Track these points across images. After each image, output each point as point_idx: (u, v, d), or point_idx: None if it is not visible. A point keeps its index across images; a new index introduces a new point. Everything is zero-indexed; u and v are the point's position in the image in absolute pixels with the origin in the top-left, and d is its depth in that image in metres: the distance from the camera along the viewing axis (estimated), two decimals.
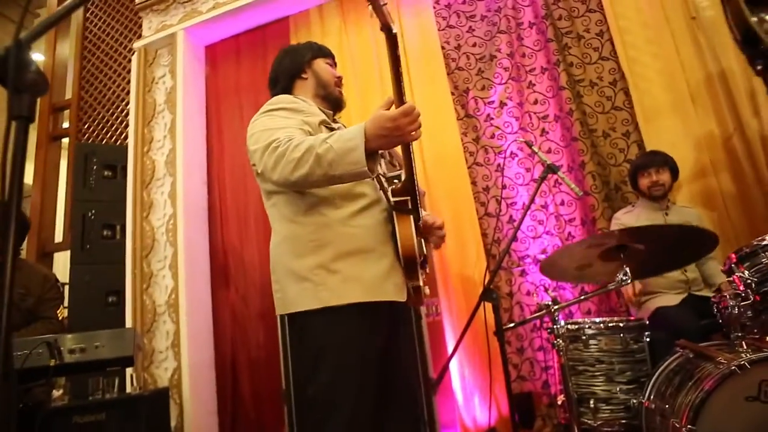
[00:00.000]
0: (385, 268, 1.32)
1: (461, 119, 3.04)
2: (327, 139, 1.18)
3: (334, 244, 1.30)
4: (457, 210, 2.91)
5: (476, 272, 2.82)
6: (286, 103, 1.41)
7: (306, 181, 1.21)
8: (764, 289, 1.52)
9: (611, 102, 2.81)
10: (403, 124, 1.14)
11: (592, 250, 1.74)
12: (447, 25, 3.24)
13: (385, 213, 1.39)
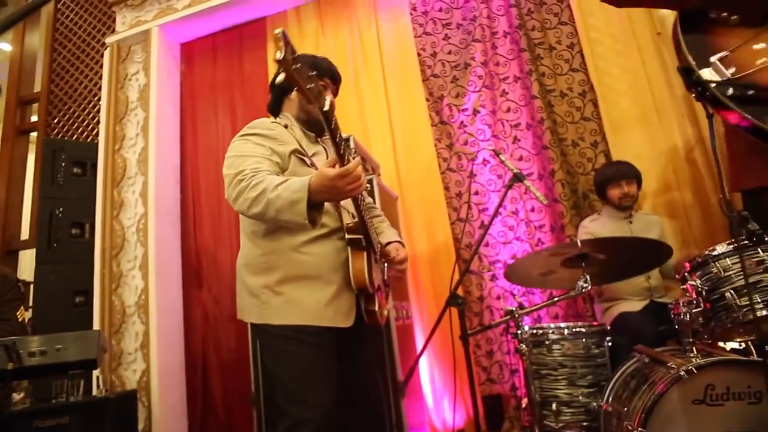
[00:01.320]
0: (328, 296, 1.41)
1: (435, 125, 3.08)
2: (278, 186, 1.28)
3: (282, 268, 1.41)
4: (430, 215, 2.96)
5: (448, 276, 2.85)
6: (262, 128, 1.48)
7: (260, 218, 1.34)
8: (714, 297, 1.59)
9: (580, 112, 2.89)
10: (341, 184, 1.22)
11: (555, 258, 1.80)
12: (423, 32, 3.27)
13: (341, 242, 1.46)
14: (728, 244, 1.62)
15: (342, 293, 1.43)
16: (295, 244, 1.43)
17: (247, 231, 1.50)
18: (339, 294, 1.43)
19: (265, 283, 1.41)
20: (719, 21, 0.93)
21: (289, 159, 1.45)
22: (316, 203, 1.26)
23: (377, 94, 3.23)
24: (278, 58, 1.01)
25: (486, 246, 2.86)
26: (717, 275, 1.59)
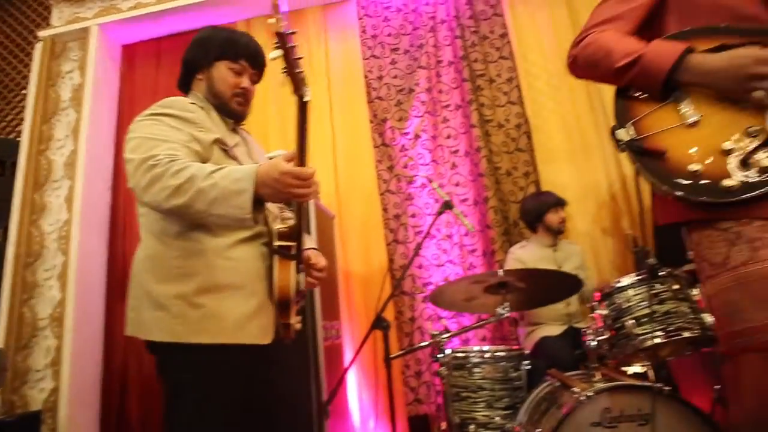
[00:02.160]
0: (252, 308, 1.23)
1: (377, 147, 3.13)
2: (213, 173, 1.08)
3: (203, 275, 1.19)
4: (367, 235, 2.98)
5: (381, 297, 2.88)
6: (179, 109, 1.25)
7: (180, 211, 1.11)
8: (618, 325, 1.70)
9: (515, 143, 3.03)
10: (293, 183, 1.07)
11: (478, 285, 1.86)
12: (371, 54, 3.34)
13: (264, 247, 1.30)
14: (635, 276, 1.75)
15: (265, 305, 1.26)
16: (221, 246, 1.22)
17: (154, 228, 1.23)
18: (262, 306, 1.25)
19: (179, 293, 1.17)
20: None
21: (210, 148, 1.24)
22: (257, 198, 1.08)
23: (322, 112, 3.25)
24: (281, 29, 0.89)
25: (419, 268, 2.92)
26: (621, 305, 1.70)
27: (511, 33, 3.22)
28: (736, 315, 0.94)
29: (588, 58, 1.12)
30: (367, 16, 3.45)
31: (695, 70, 0.99)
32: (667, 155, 0.98)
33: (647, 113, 1.04)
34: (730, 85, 0.95)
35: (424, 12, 3.37)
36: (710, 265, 0.99)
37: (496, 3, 3.30)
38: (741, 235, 0.94)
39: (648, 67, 1.02)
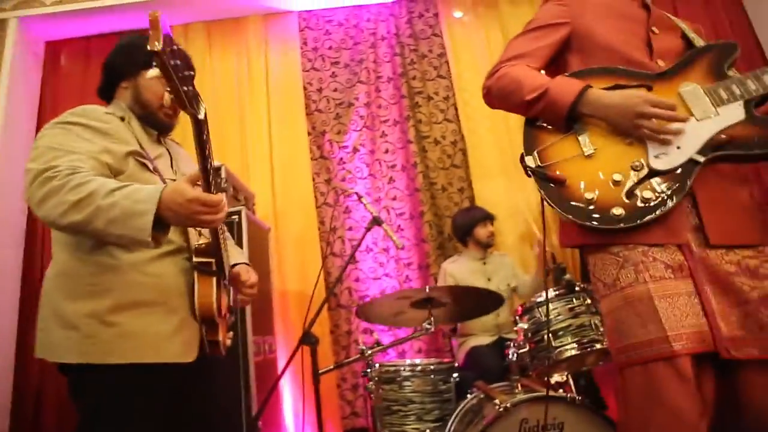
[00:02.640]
0: (173, 325, 1.18)
1: (315, 159, 3.13)
2: (115, 191, 1.04)
3: (118, 291, 1.14)
4: (303, 248, 2.96)
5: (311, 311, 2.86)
6: (92, 119, 1.18)
7: (77, 228, 1.05)
8: (537, 338, 1.79)
9: (451, 160, 3.13)
10: (200, 210, 1.03)
11: (405, 300, 1.90)
12: (312, 67, 3.35)
13: (187, 262, 1.26)
14: (553, 292, 1.85)
15: (187, 322, 1.21)
16: (138, 261, 1.16)
17: (67, 242, 1.16)
18: (184, 323, 1.20)
19: (91, 311, 1.11)
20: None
21: (125, 160, 1.18)
22: (162, 221, 1.04)
23: (260, 123, 3.21)
24: (155, 48, 0.82)
25: (356, 281, 2.93)
26: (540, 319, 1.79)
27: (448, 53, 3.34)
28: (623, 332, 1.02)
29: (501, 89, 1.20)
30: (309, 29, 3.46)
31: (593, 104, 1.08)
32: (567, 183, 1.06)
33: (551, 143, 1.12)
34: (621, 120, 1.05)
35: (365, 28, 3.43)
36: (603, 285, 1.07)
37: (435, 23, 3.42)
38: (628, 258, 1.02)
39: (553, 100, 1.10)
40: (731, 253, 1.01)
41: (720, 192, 1.05)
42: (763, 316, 0.96)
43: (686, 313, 0.97)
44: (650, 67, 1.14)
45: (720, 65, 1.10)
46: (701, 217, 1.02)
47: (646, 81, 1.11)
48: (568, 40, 1.24)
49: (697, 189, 1.03)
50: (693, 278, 0.99)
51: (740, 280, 0.99)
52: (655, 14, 1.24)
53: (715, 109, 1.05)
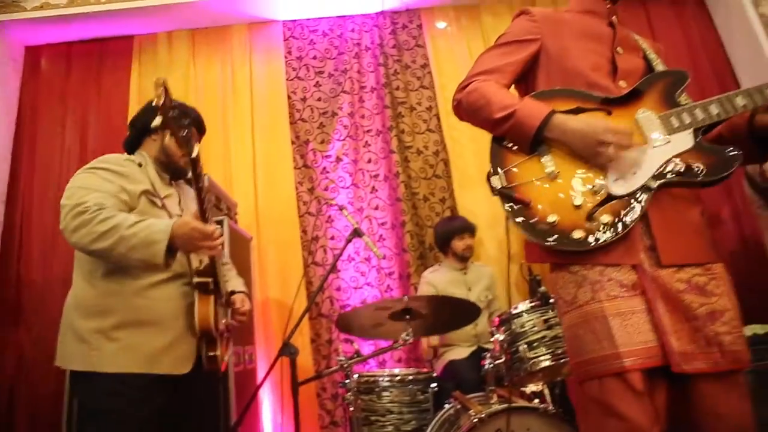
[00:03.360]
0: (166, 342, 1.38)
1: (299, 168, 3.14)
2: (136, 224, 1.29)
3: (120, 312, 1.36)
4: (285, 256, 2.96)
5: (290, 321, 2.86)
6: (113, 164, 1.46)
7: (102, 254, 1.31)
8: (513, 349, 1.82)
9: (433, 170, 3.17)
10: (197, 237, 1.30)
11: (382, 312, 1.92)
12: (296, 76, 3.37)
13: (187, 287, 1.46)
14: (529, 303, 1.88)
15: (182, 339, 1.41)
16: (137, 288, 1.39)
17: (84, 269, 1.42)
18: (178, 340, 1.41)
19: (98, 327, 1.35)
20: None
21: (138, 199, 1.44)
22: (172, 248, 1.30)
23: (244, 131, 3.22)
24: (158, 103, 1.10)
25: (338, 290, 2.95)
26: (516, 330, 1.82)
27: (431, 63, 3.38)
28: (580, 348, 1.06)
29: (470, 104, 1.22)
30: (293, 38, 3.48)
31: (558, 129, 1.11)
32: (530, 205, 1.09)
33: (517, 163, 1.15)
34: (583, 146, 1.08)
35: (350, 38, 3.46)
36: (564, 302, 1.11)
37: (419, 35, 3.46)
38: (586, 278, 1.06)
39: (520, 122, 1.13)
40: (681, 272, 1.06)
41: (672, 213, 1.09)
42: (709, 331, 1.01)
43: (638, 329, 1.01)
44: (612, 89, 1.18)
45: (672, 93, 1.15)
46: (654, 238, 1.07)
47: (605, 105, 1.15)
48: (537, 55, 1.26)
49: (651, 211, 1.07)
50: (646, 296, 1.04)
51: (689, 297, 1.04)
52: (621, 34, 1.27)
53: (667, 136, 1.10)
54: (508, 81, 1.25)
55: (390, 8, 3.49)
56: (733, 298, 1.10)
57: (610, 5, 1.29)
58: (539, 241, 1.08)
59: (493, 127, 1.19)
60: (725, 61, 3.69)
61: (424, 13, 3.54)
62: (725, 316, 1.05)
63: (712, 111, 1.11)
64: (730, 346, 1.02)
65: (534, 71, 1.27)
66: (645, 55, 1.28)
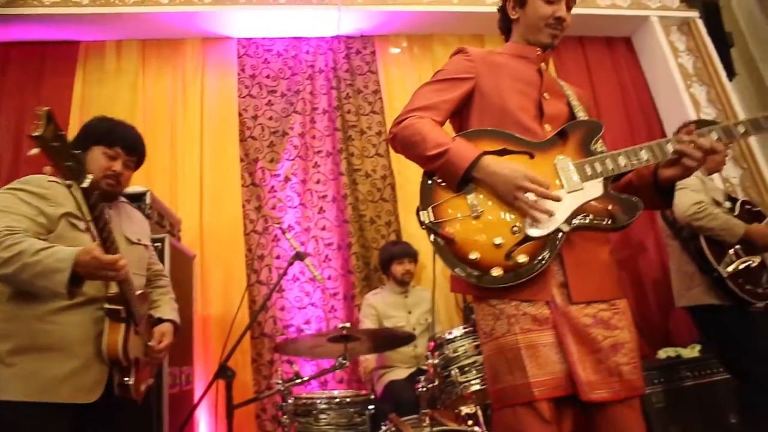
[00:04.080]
0: (69, 369, 1.33)
1: (247, 186, 3.14)
2: (40, 251, 1.26)
3: (19, 337, 1.31)
4: (229, 275, 2.94)
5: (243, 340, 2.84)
6: (33, 185, 1.43)
7: (7, 279, 1.30)
8: (446, 373, 1.90)
9: (380, 193, 3.25)
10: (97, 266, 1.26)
11: (322, 337, 1.96)
12: (248, 94, 3.38)
13: (101, 312, 1.41)
14: (462, 329, 1.97)
15: (89, 366, 1.36)
16: (42, 312, 1.35)
17: None
18: (84, 367, 1.35)
19: None
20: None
21: (58, 221, 1.40)
22: (78, 276, 1.26)
23: (192, 146, 3.18)
24: (35, 134, 1.03)
25: (282, 310, 2.95)
26: (448, 355, 1.91)
27: (383, 90, 3.49)
28: (496, 377, 1.15)
29: (405, 139, 1.28)
30: (247, 56, 3.50)
31: (484, 171, 1.20)
32: (455, 240, 1.17)
33: (445, 200, 1.22)
34: (504, 189, 1.17)
35: (304, 60, 3.52)
36: (483, 333, 1.20)
37: (372, 61, 3.57)
38: (503, 311, 1.16)
39: (451, 162, 1.21)
40: (589, 307, 1.17)
41: (583, 253, 1.20)
42: (611, 362, 1.13)
43: (548, 361, 1.11)
44: (538, 131, 1.28)
45: (588, 141, 1.26)
46: (566, 276, 1.18)
47: (529, 149, 1.25)
48: (471, 93, 1.34)
49: (564, 251, 1.18)
50: (556, 330, 1.14)
51: (595, 331, 1.15)
52: (547, 80, 1.38)
53: (581, 183, 1.21)
54: (443, 118, 1.32)
55: (345, 33, 3.59)
56: (632, 330, 1.22)
57: (540, 52, 1.39)
58: (462, 277, 1.16)
59: (426, 163, 1.26)
60: (650, 100, 4.04)
61: (378, 40, 3.66)
62: (625, 348, 1.17)
63: (620, 162, 1.23)
64: (628, 375, 1.14)
65: (468, 108, 1.35)
66: (568, 102, 1.38)
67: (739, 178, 3.62)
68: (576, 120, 1.33)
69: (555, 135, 1.28)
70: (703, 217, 2.19)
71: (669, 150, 1.21)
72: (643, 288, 3.47)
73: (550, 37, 1.38)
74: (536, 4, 1.36)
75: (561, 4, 1.36)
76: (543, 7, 1.35)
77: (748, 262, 2.24)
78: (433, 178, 1.26)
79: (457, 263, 1.16)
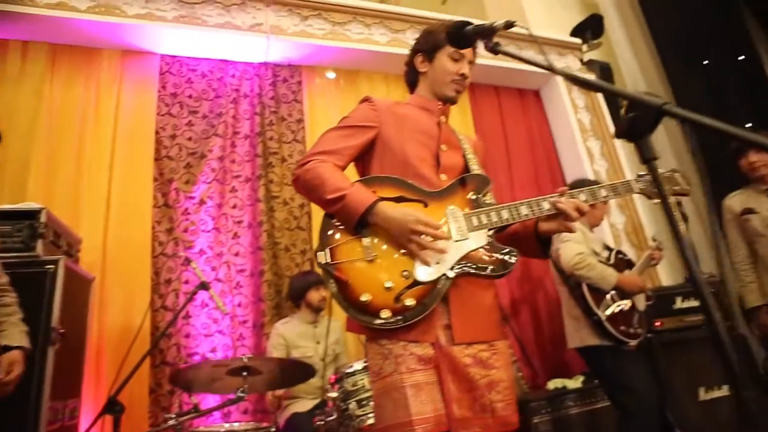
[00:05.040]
0: None
1: (158, 207, 3.03)
2: None
3: None
4: (131, 299, 2.79)
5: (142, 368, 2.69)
6: None
7: None
8: (344, 406, 1.94)
9: (297, 221, 3.27)
10: None
11: (221, 368, 1.93)
12: (168, 112, 3.29)
13: None
14: (362, 363, 2.03)
15: None
16: None
17: None
18: None
19: None
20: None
21: None
22: None
23: (101, 161, 3.02)
24: None
25: (187, 337, 2.84)
26: (347, 389, 1.95)
27: (306, 120, 3.56)
28: (382, 415, 1.22)
29: (307, 182, 1.34)
30: (170, 73, 3.42)
31: (380, 216, 1.28)
32: (349, 282, 1.24)
33: (342, 242, 1.30)
34: (398, 233, 1.27)
35: (229, 83, 3.50)
36: (373, 373, 1.27)
37: (298, 90, 3.63)
38: (391, 351, 1.24)
39: (348, 206, 1.28)
40: (470, 348, 1.28)
41: (468, 297, 1.32)
42: (486, 399, 1.24)
43: (430, 399, 1.20)
44: (435, 181, 1.39)
45: (478, 194, 1.39)
46: (451, 318, 1.28)
47: (423, 198, 1.35)
48: (374, 141, 1.43)
49: (451, 295, 1.29)
50: (438, 369, 1.23)
51: (474, 370, 1.26)
52: (446, 133, 1.50)
53: (468, 233, 1.33)
54: (345, 163, 1.41)
55: (273, 61, 3.63)
56: (509, 370, 1.35)
57: (441, 106, 1.52)
58: (353, 318, 1.23)
59: (325, 206, 1.32)
60: (554, 149, 4.45)
61: (305, 70, 3.74)
62: (500, 386, 1.29)
63: (503, 216, 1.36)
64: (501, 412, 1.26)
65: (370, 154, 1.44)
66: (464, 154, 1.50)
67: (623, 224, 4.07)
68: (469, 173, 1.46)
69: (449, 186, 1.39)
70: (583, 267, 2.45)
71: (545, 207, 1.37)
72: (541, 322, 3.75)
73: (454, 91, 1.52)
74: (444, 61, 1.50)
75: (465, 62, 1.51)
76: (450, 64, 1.49)
77: (621, 306, 2.53)
78: (332, 220, 1.33)
79: (349, 305, 1.23)
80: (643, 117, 0.80)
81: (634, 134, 0.82)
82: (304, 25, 3.53)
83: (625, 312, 2.53)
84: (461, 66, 1.50)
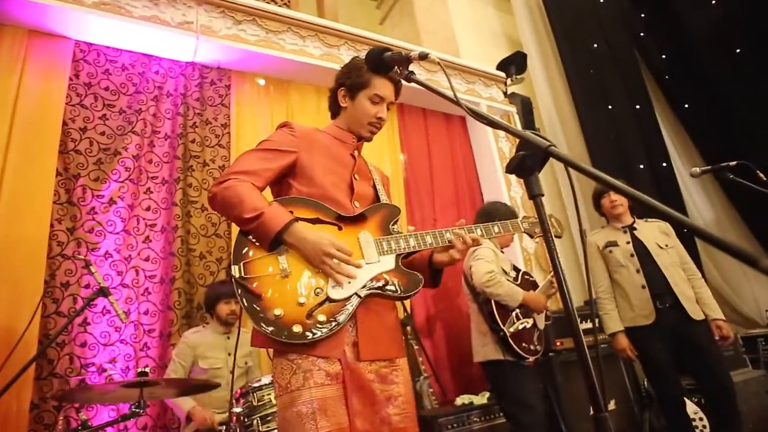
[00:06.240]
0: None
1: (60, 204, 2.80)
2: None
3: None
4: (17, 303, 2.52)
5: (24, 378, 2.44)
6: None
7: None
8: (248, 422, 1.90)
9: (215, 228, 3.17)
10: None
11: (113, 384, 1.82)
12: (79, 102, 3.07)
13: None
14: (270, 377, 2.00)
15: None
16: None
17: None
18: None
19: None
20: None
21: None
22: None
23: None
24: None
25: (82, 347, 2.63)
26: (253, 403, 1.92)
27: (232, 125, 3.47)
28: (288, 429, 1.22)
29: (224, 200, 1.35)
30: (85, 61, 3.19)
31: (294, 236, 1.31)
32: (262, 297, 1.25)
33: (257, 258, 1.30)
34: (312, 253, 1.30)
35: (152, 79, 3.34)
36: (279, 386, 1.28)
37: (225, 94, 3.54)
38: (300, 366, 1.25)
39: (264, 225, 1.30)
40: (373, 365, 1.34)
41: (374, 316, 1.38)
42: (384, 413, 1.30)
43: (336, 413, 1.23)
44: (348, 207, 1.45)
45: (388, 222, 1.48)
46: (358, 336, 1.32)
47: (338, 221, 1.41)
48: (292, 165, 1.46)
49: (359, 313, 1.34)
50: (344, 384, 1.26)
51: (376, 385, 1.32)
52: (359, 164, 1.58)
53: (378, 256, 1.39)
54: (263, 185, 1.43)
55: (201, 61, 3.51)
56: (408, 385, 1.41)
57: (355, 140, 1.59)
58: (263, 330, 1.22)
59: (242, 224, 1.33)
60: (476, 174, 4.69)
61: (235, 75, 3.65)
62: (398, 401, 1.35)
63: (410, 243, 1.44)
64: (398, 424, 1.32)
65: (288, 178, 1.47)
66: (374, 184, 1.59)
67: (534, 250, 4.36)
68: (381, 202, 1.54)
69: (363, 212, 1.46)
70: (493, 284, 2.61)
71: (448, 238, 1.46)
72: (453, 339, 3.90)
73: (370, 132, 1.59)
74: (363, 102, 1.56)
75: (383, 106, 1.57)
76: (369, 106, 1.55)
77: (524, 324, 2.71)
78: (247, 236, 1.33)
79: (261, 319, 1.23)
80: (531, 156, 0.88)
81: (524, 171, 0.90)
82: (237, 29, 3.46)
83: (528, 329, 2.71)
84: (380, 109, 1.57)
